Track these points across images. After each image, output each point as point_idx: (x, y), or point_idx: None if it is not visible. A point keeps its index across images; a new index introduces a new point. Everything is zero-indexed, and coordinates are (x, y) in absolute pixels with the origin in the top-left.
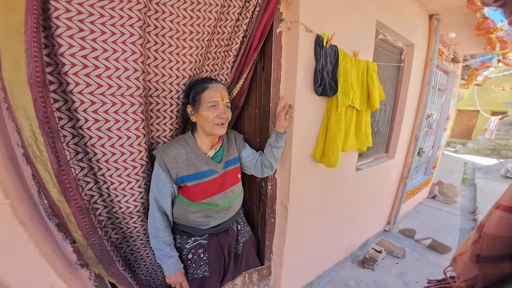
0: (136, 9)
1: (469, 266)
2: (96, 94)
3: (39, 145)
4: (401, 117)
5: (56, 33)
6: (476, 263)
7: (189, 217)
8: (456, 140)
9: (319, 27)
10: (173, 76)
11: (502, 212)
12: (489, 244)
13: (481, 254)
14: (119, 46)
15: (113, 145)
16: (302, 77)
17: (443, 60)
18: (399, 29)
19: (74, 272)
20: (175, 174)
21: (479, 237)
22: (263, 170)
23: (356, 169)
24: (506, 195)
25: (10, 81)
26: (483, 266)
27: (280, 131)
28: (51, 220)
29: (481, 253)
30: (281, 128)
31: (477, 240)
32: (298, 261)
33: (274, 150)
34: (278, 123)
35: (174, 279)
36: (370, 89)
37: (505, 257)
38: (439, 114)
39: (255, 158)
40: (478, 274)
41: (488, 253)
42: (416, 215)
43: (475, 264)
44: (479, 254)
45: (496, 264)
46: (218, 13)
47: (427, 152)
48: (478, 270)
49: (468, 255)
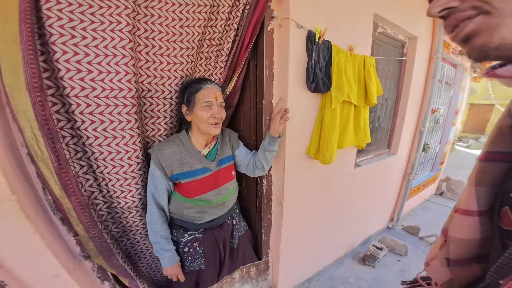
0: (124, 14)
1: (442, 270)
2: (91, 97)
3: (40, 146)
4: (404, 112)
5: (50, 41)
6: (447, 266)
7: (184, 212)
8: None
9: (311, 23)
10: (165, 77)
11: (461, 215)
12: (455, 247)
13: (450, 257)
14: (110, 50)
15: (109, 144)
16: (294, 74)
17: (450, 53)
18: (399, 22)
19: (78, 263)
20: (169, 172)
21: (445, 241)
22: (254, 170)
23: (355, 165)
24: (462, 199)
25: (11, 87)
26: (455, 269)
27: (274, 135)
28: (56, 214)
29: (449, 257)
30: (276, 132)
31: (444, 244)
32: (296, 257)
33: (267, 153)
34: (273, 126)
35: (171, 271)
36: (367, 84)
37: (473, 259)
38: (447, 109)
39: (247, 158)
40: (452, 277)
41: (456, 256)
42: (421, 212)
43: (447, 268)
44: (449, 258)
45: (466, 267)
46: (207, 13)
47: (433, 148)
48: (451, 274)
49: (438, 259)
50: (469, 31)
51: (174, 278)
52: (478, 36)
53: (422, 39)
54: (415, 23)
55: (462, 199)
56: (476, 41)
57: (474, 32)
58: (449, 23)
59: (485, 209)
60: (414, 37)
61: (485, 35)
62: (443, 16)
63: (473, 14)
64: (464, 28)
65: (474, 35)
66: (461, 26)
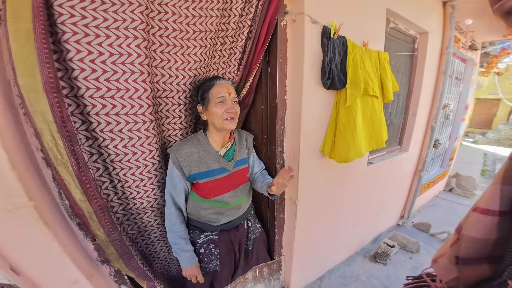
0: (138, 12)
1: (449, 268)
2: (106, 98)
3: (59, 149)
4: (416, 108)
5: (63, 39)
6: (456, 265)
7: (201, 213)
8: (475, 130)
9: (325, 18)
10: (179, 76)
11: (479, 214)
12: (467, 246)
13: (460, 256)
14: (125, 49)
15: (126, 145)
16: (309, 71)
17: (460, 48)
18: (411, 17)
19: (96, 269)
20: (187, 172)
21: (457, 239)
22: (252, 184)
23: (368, 163)
24: (483, 198)
25: (27, 88)
26: (463, 268)
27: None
28: (72, 219)
29: (459, 255)
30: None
31: (456, 242)
32: (308, 256)
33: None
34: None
35: (190, 272)
36: (383, 79)
37: (483, 259)
38: (457, 104)
39: (254, 170)
40: (459, 275)
41: (466, 255)
42: (431, 209)
43: (455, 266)
44: (458, 256)
45: (475, 266)
46: (220, 10)
47: (443, 144)
48: (458, 272)
49: (447, 257)
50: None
51: (194, 279)
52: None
53: (433, 34)
54: (427, 18)
55: (484, 198)
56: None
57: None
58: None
59: (507, 209)
60: (425, 32)
61: None
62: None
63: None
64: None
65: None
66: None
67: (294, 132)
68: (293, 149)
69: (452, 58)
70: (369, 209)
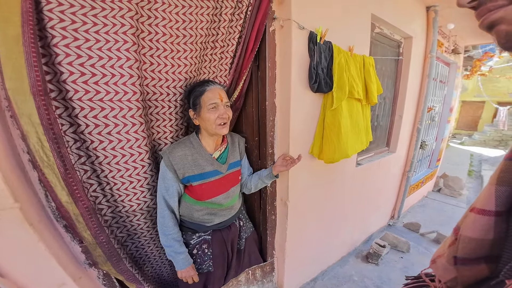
0: (128, 16)
1: (448, 268)
2: (95, 100)
3: (46, 151)
4: (402, 110)
5: (52, 43)
6: (454, 265)
7: (194, 215)
8: (461, 132)
9: (312, 24)
10: (169, 79)
11: (476, 215)
12: (465, 246)
13: (458, 256)
14: (114, 53)
15: (114, 147)
16: (296, 75)
17: (443, 51)
18: (395, 22)
19: (83, 271)
20: (181, 174)
21: (455, 240)
22: (242, 188)
23: (356, 164)
24: (480, 199)
25: (14, 91)
26: (461, 268)
27: (275, 173)
28: (59, 221)
29: (458, 255)
30: (278, 172)
31: (454, 242)
32: (301, 257)
33: (260, 181)
34: (280, 168)
35: (186, 273)
36: (367, 83)
37: (481, 259)
38: (442, 106)
39: (244, 173)
40: (457, 276)
41: (464, 255)
42: (420, 209)
43: (453, 266)
44: (456, 256)
45: (473, 266)
46: (210, 15)
47: (430, 145)
48: (456, 272)
49: (446, 257)
50: (496, 18)
51: (190, 280)
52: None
53: (417, 38)
54: (411, 23)
55: (480, 198)
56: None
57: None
58: (480, 12)
59: (503, 209)
60: (409, 36)
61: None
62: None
63: (506, 3)
64: (492, 15)
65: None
66: (489, 14)
67: (284, 134)
68: (284, 150)
69: (436, 61)
70: (360, 209)
